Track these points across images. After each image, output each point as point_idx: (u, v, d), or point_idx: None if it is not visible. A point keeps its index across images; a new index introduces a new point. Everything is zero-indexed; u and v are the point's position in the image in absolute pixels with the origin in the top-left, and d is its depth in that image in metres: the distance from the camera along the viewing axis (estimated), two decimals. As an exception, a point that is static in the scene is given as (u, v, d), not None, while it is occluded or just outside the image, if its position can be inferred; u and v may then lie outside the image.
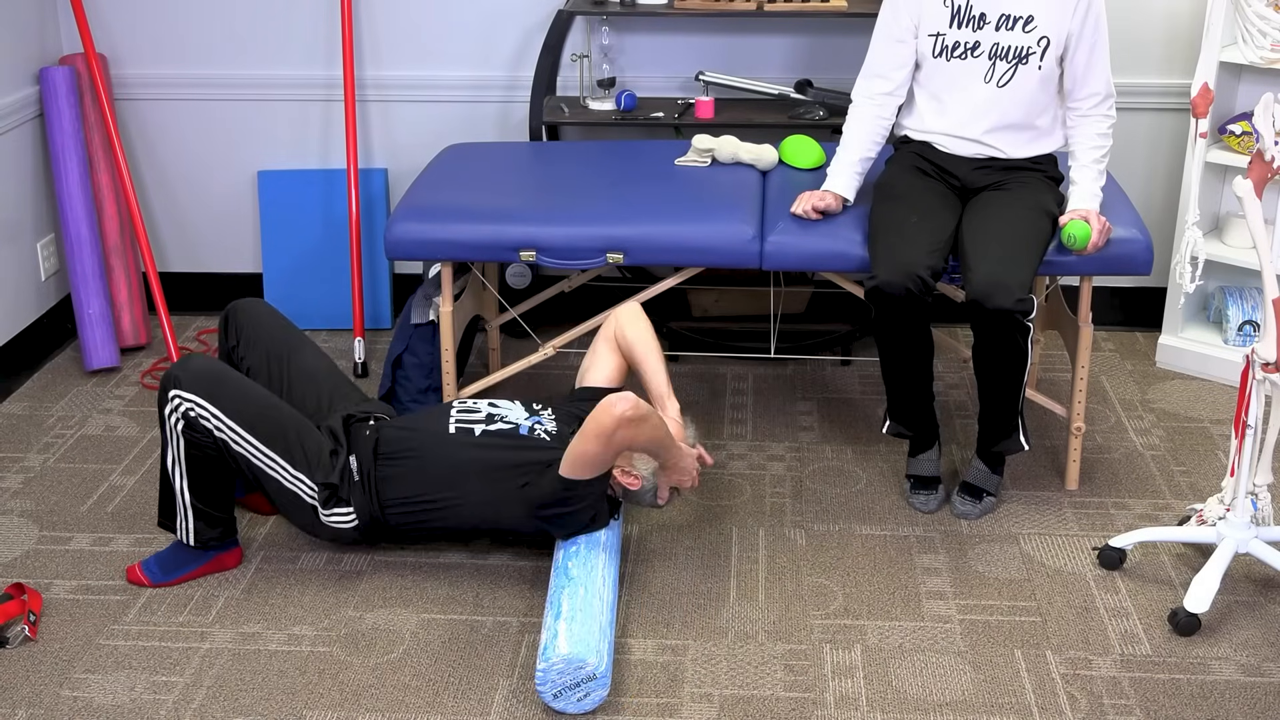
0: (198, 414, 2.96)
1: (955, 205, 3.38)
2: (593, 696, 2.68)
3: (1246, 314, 4.06)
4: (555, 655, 2.66)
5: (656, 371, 3.22)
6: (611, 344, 3.31)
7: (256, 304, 3.35)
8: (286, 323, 3.37)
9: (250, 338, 3.29)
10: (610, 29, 4.18)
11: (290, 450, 3.03)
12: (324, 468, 3.05)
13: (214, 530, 3.09)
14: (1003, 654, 2.90)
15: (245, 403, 3.02)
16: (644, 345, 3.25)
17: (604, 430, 2.84)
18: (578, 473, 2.93)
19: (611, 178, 3.71)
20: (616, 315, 3.31)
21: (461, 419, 3.14)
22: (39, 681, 2.82)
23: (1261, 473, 3.02)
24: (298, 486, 3.04)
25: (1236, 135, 3.92)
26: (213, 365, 3.06)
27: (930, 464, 3.46)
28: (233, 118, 4.39)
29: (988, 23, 3.30)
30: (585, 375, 3.32)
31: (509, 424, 3.12)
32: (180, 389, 2.97)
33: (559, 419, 3.17)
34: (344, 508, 3.06)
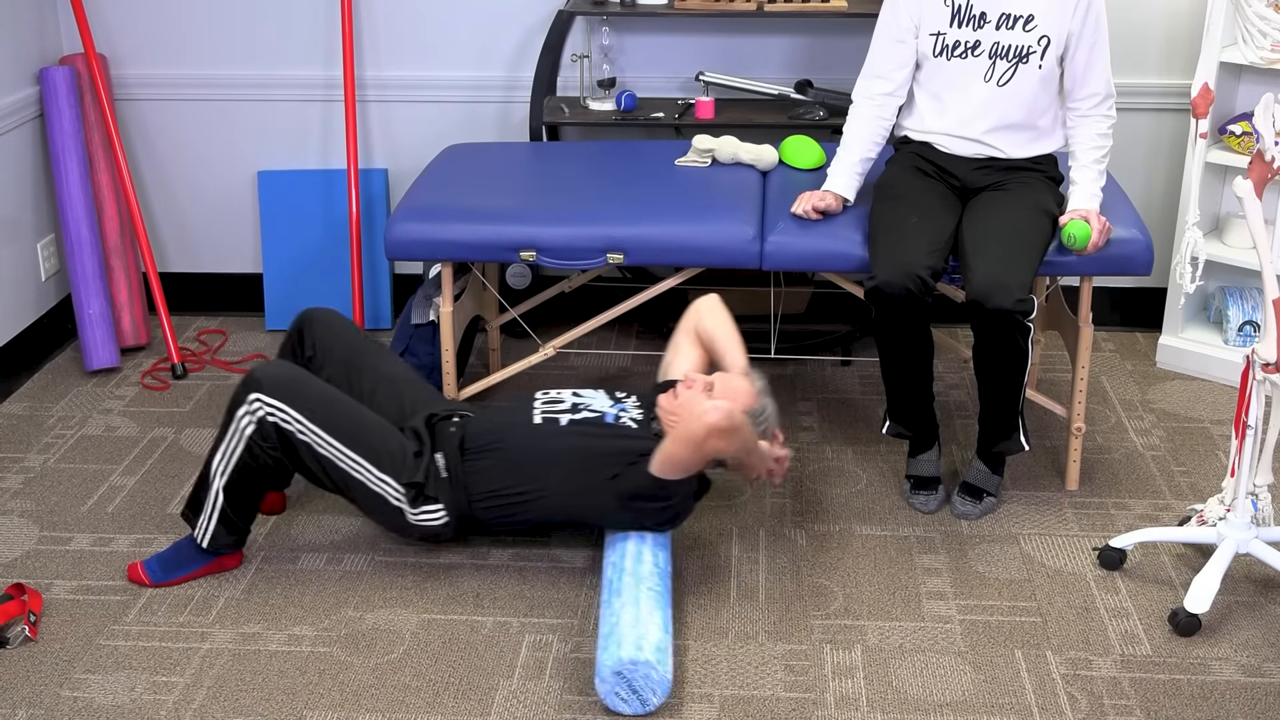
0: (278, 419, 2.96)
1: (955, 205, 3.38)
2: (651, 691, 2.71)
3: (1247, 314, 4.06)
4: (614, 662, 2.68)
5: (736, 358, 3.19)
6: (692, 336, 3.29)
7: (331, 314, 3.33)
8: (361, 331, 3.35)
9: (328, 347, 3.27)
10: (610, 29, 4.18)
11: (375, 452, 3.02)
12: (409, 468, 3.03)
13: (230, 538, 3.09)
14: (1003, 654, 2.90)
15: (328, 407, 3.02)
16: (723, 333, 3.22)
17: (695, 438, 2.85)
18: (668, 474, 2.94)
19: (612, 178, 3.71)
20: (696, 307, 3.29)
21: (546, 409, 3.13)
22: (39, 682, 2.82)
23: (1262, 473, 3.02)
24: (383, 488, 3.03)
25: (1237, 135, 3.92)
26: (294, 370, 3.05)
27: (930, 464, 3.46)
28: (233, 118, 4.39)
29: (988, 22, 3.30)
30: (668, 369, 3.30)
31: (594, 412, 3.11)
32: (262, 393, 2.96)
33: (643, 406, 3.16)
34: (433, 505, 3.05)
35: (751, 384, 3.09)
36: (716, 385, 3.06)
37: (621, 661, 2.66)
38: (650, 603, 2.82)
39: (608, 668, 2.68)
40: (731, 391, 3.04)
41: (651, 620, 2.77)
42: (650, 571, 2.92)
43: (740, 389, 3.05)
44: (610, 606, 2.82)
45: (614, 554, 3.00)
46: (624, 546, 3.00)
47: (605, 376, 4.14)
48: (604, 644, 2.73)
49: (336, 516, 3.39)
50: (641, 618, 2.77)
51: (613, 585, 2.89)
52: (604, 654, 2.70)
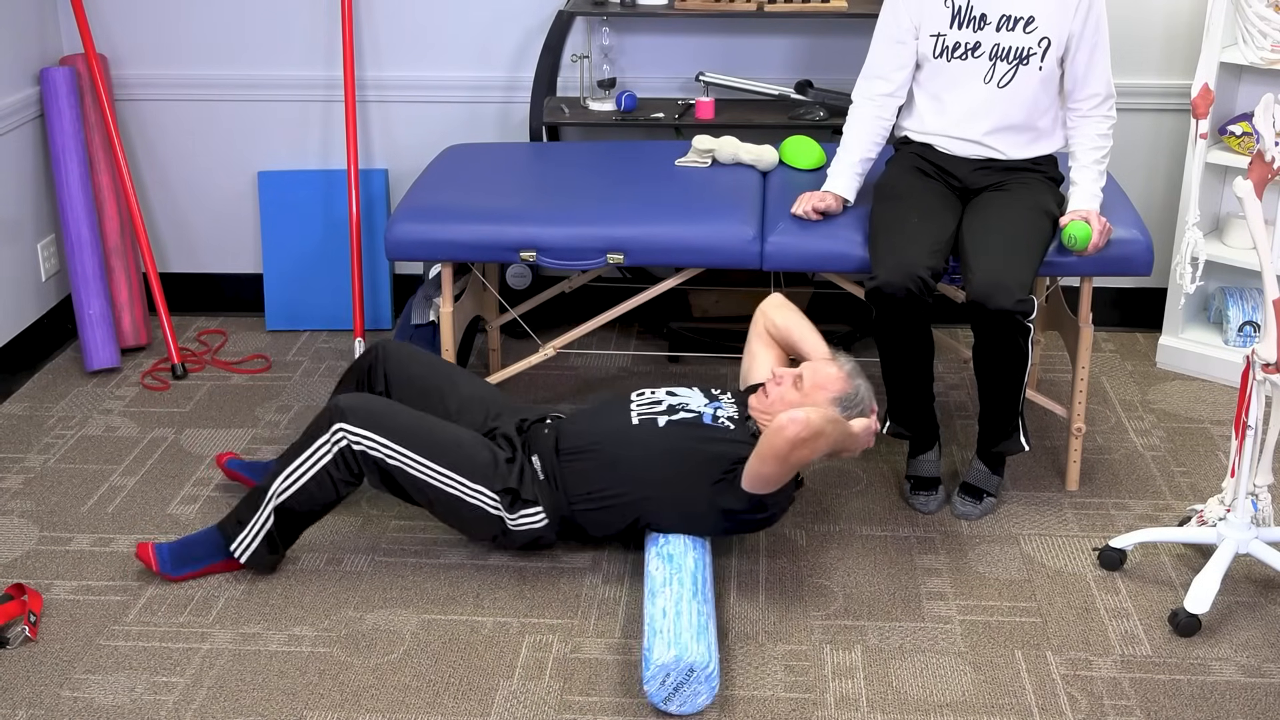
0: (365, 447, 2.95)
1: (955, 206, 3.38)
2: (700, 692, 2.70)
3: (1247, 315, 4.06)
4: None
5: (817, 346, 3.17)
6: (764, 339, 3.28)
7: (402, 346, 3.31)
8: (433, 358, 3.33)
9: (406, 378, 3.25)
10: (611, 29, 4.18)
11: (465, 464, 3.00)
12: (501, 475, 3.01)
13: (271, 558, 3.09)
14: (1003, 655, 2.90)
15: (411, 426, 3.00)
16: (798, 327, 3.21)
17: (779, 453, 2.82)
18: (759, 489, 2.93)
19: (612, 178, 3.71)
20: (762, 309, 3.28)
21: (643, 410, 3.11)
22: (39, 682, 2.82)
23: (1262, 473, 3.02)
24: (479, 499, 3.01)
25: (1237, 136, 3.92)
26: (375, 400, 3.04)
27: (930, 465, 3.46)
28: (233, 118, 4.39)
29: (988, 23, 3.30)
30: (748, 376, 3.28)
31: (691, 412, 3.09)
32: (346, 423, 2.95)
33: (739, 403, 3.14)
34: (532, 508, 3.03)
35: (840, 368, 3.06)
36: (805, 376, 3.03)
37: (704, 666, 2.66)
38: (714, 625, 2.83)
39: (691, 656, 2.66)
40: (821, 380, 3.01)
41: (716, 643, 2.78)
42: (711, 595, 2.93)
43: (830, 376, 3.02)
44: (699, 604, 2.80)
45: (695, 550, 2.99)
46: (703, 556, 3.00)
47: (595, 380, 4.13)
48: (696, 634, 2.70)
49: (336, 516, 3.39)
50: (713, 633, 2.78)
51: (699, 589, 2.87)
52: (694, 642, 2.68)
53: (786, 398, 3.00)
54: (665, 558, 2.95)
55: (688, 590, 2.84)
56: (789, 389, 3.02)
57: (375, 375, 3.28)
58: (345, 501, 3.40)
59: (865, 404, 3.05)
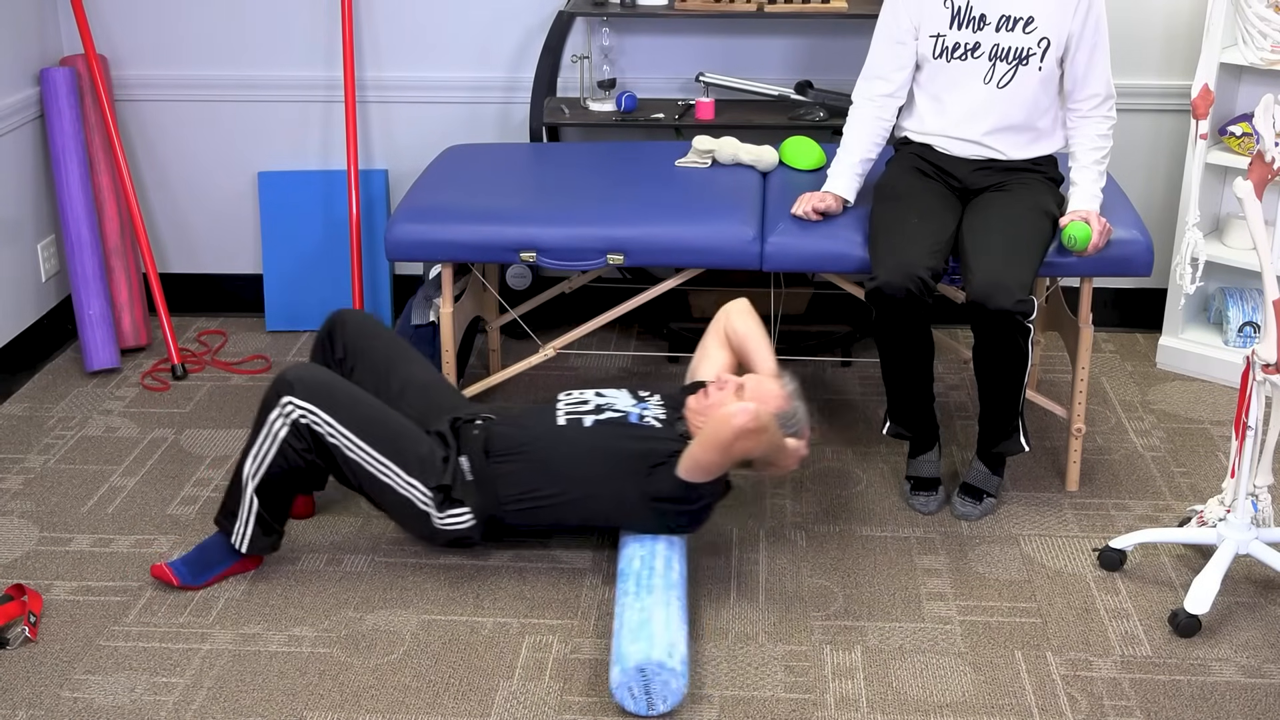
0: (310, 421, 2.96)
1: (955, 206, 3.38)
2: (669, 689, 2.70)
3: (1247, 315, 4.06)
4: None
5: (766, 361, 3.19)
6: (721, 338, 3.29)
7: (363, 316, 3.33)
8: (391, 334, 3.35)
9: (358, 349, 3.27)
10: (611, 30, 4.18)
11: (403, 456, 3.02)
12: (436, 471, 3.03)
13: (268, 539, 3.09)
14: (1003, 655, 2.90)
15: (358, 410, 3.02)
16: (754, 337, 3.23)
17: (723, 442, 2.84)
18: (696, 477, 2.94)
19: (612, 179, 3.71)
20: (726, 310, 3.29)
21: (570, 410, 3.13)
22: (39, 683, 2.82)
23: (1262, 474, 3.02)
24: (411, 492, 3.02)
25: (1237, 136, 3.92)
26: (325, 373, 3.06)
27: (930, 465, 3.46)
28: (233, 119, 4.39)
29: (988, 24, 3.30)
30: (696, 371, 3.30)
31: (618, 412, 3.11)
32: (295, 395, 2.96)
33: (666, 405, 3.16)
34: (459, 508, 3.04)
35: (782, 386, 3.08)
36: (748, 386, 3.06)
37: (651, 660, 2.65)
38: (679, 612, 2.83)
39: (634, 661, 2.66)
40: (762, 393, 3.03)
41: (679, 630, 2.77)
42: (678, 580, 2.93)
43: (771, 391, 3.05)
44: (642, 601, 2.81)
45: (643, 549, 2.98)
46: (653, 547, 2.99)
47: (613, 376, 4.13)
48: (633, 635, 2.71)
49: (336, 517, 3.39)
50: (672, 623, 2.77)
51: (641, 580, 2.87)
52: (632, 645, 2.69)
53: (726, 403, 3.02)
54: (619, 576, 2.96)
55: (630, 596, 2.84)
56: (729, 395, 3.04)
57: (334, 343, 3.30)
58: (345, 503, 3.41)
59: (801, 426, 3.08)
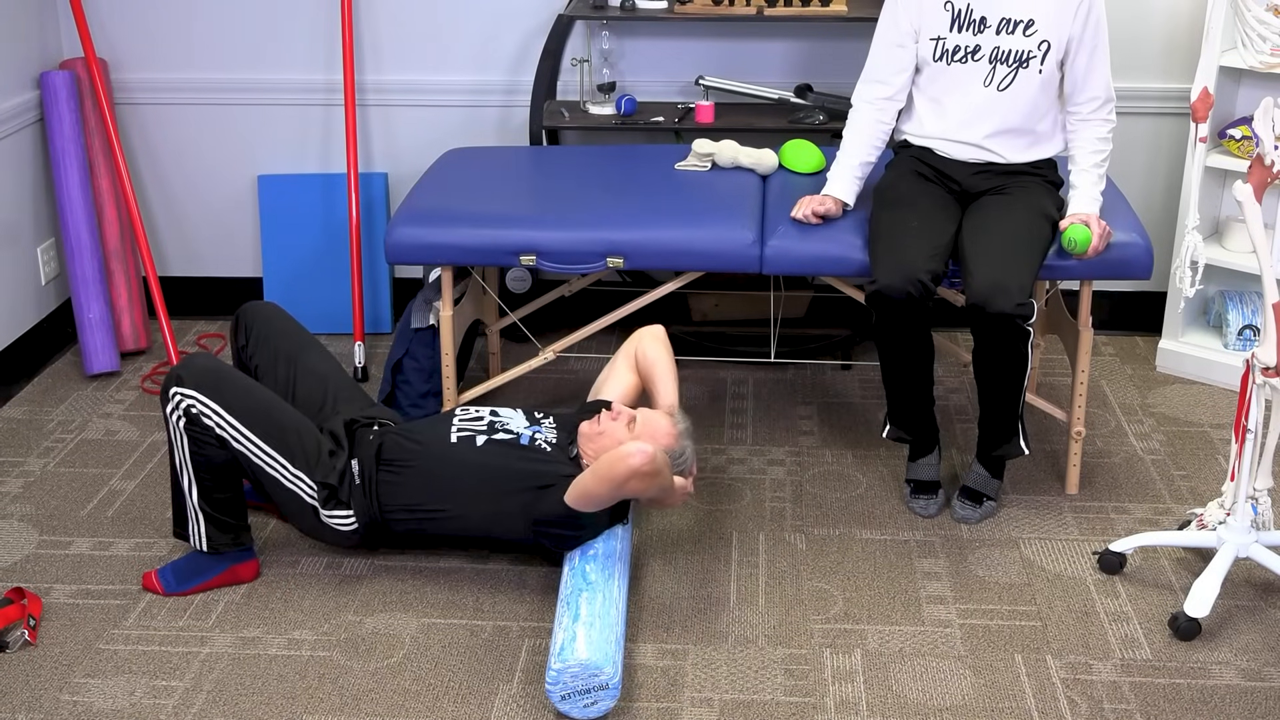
0: (199, 410, 2.97)
1: (955, 210, 3.38)
2: (600, 705, 2.68)
3: (1246, 318, 4.06)
4: (572, 659, 2.65)
5: (668, 394, 3.22)
6: (631, 361, 3.31)
7: (267, 306, 3.38)
8: (296, 325, 3.38)
9: (260, 336, 3.31)
10: (610, 33, 4.18)
11: (290, 449, 3.03)
12: (323, 467, 3.05)
13: (226, 535, 3.08)
14: (1003, 658, 2.90)
15: (246, 400, 3.02)
16: (661, 366, 3.25)
17: (616, 479, 2.85)
18: (583, 506, 2.94)
19: (611, 182, 3.71)
20: (640, 335, 3.32)
21: (463, 428, 3.14)
22: (38, 686, 2.82)
23: (1262, 477, 3.02)
24: (297, 486, 3.04)
25: (1236, 140, 3.92)
26: (214, 363, 3.07)
27: (930, 468, 3.46)
28: (233, 122, 4.39)
29: (988, 26, 3.30)
30: (600, 389, 3.32)
31: (510, 433, 3.12)
32: (181, 386, 2.98)
33: (560, 427, 3.17)
34: (343, 510, 3.06)
35: (674, 425, 3.10)
36: (639, 420, 3.07)
37: (558, 672, 2.66)
38: (569, 607, 2.82)
39: (548, 682, 2.68)
40: (652, 429, 3.05)
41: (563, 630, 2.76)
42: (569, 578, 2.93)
43: (661, 427, 3.07)
44: (562, 608, 2.83)
45: (570, 561, 3.00)
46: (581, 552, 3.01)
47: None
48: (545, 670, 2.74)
49: (336, 520, 3.39)
50: (566, 622, 2.77)
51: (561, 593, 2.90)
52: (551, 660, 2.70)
53: (616, 434, 3.04)
54: None
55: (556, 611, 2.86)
56: (621, 427, 3.06)
57: (239, 329, 3.34)
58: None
59: (687, 466, 3.10)
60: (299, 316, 4.39)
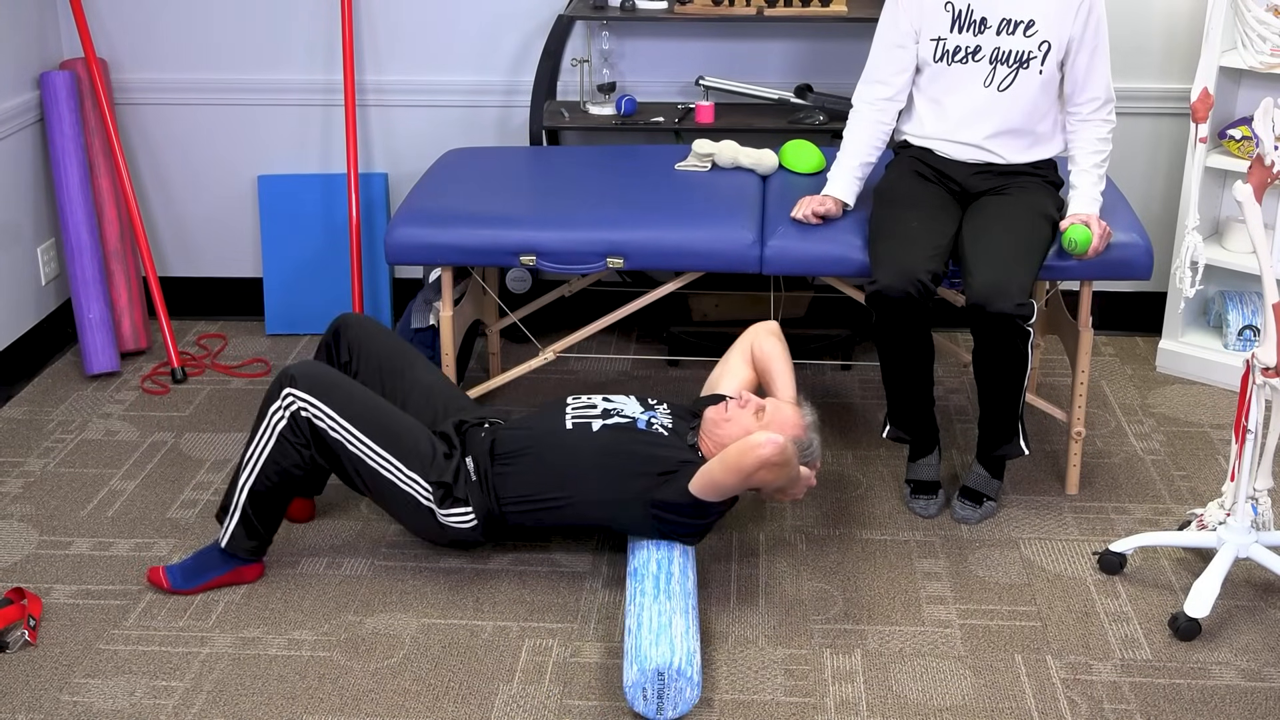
0: (311, 414, 2.97)
1: (955, 210, 3.38)
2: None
3: (1246, 319, 4.06)
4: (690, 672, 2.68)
5: (787, 386, 3.21)
6: (746, 356, 3.31)
7: (367, 319, 3.35)
8: (397, 338, 3.36)
9: (364, 352, 3.28)
10: (610, 34, 4.18)
11: (405, 451, 3.02)
12: (438, 467, 3.04)
13: (249, 543, 3.08)
14: (1003, 659, 2.90)
15: (360, 404, 3.03)
16: (778, 360, 3.25)
17: (745, 468, 2.85)
18: (708, 495, 2.94)
19: (611, 182, 3.71)
20: (755, 329, 3.32)
21: (578, 414, 3.13)
22: (38, 686, 2.82)
23: (1262, 477, 3.02)
24: (413, 488, 3.03)
25: (1236, 140, 3.93)
26: (328, 369, 3.07)
27: (930, 469, 3.46)
28: (233, 122, 4.39)
29: (989, 27, 3.30)
30: (716, 384, 3.31)
31: (626, 418, 3.11)
32: (296, 388, 2.97)
33: (674, 414, 3.17)
34: (462, 507, 3.05)
35: (801, 416, 3.10)
36: (768, 410, 3.07)
37: (671, 665, 2.65)
38: (694, 621, 2.83)
39: (654, 663, 2.65)
40: (781, 419, 3.05)
41: (694, 638, 2.78)
42: (693, 588, 2.94)
43: (790, 419, 3.07)
44: (661, 604, 2.81)
45: (659, 553, 2.98)
46: (670, 553, 2.99)
47: (613, 380, 4.14)
48: (655, 638, 2.70)
49: (337, 521, 3.39)
50: (690, 632, 2.77)
51: (663, 585, 2.87)
52: (653, 648, 2.68)
53: (743, 422, 3.04)
54: (632, 574, 2.96)
55: (649, 597, 2.84)
56: (749, 416, 3.06)
57: (339, 347, 3.31)
58: (344, 507, 3.41)
59: (814, 456, 3.11)
60: (299, 317, 4.42)
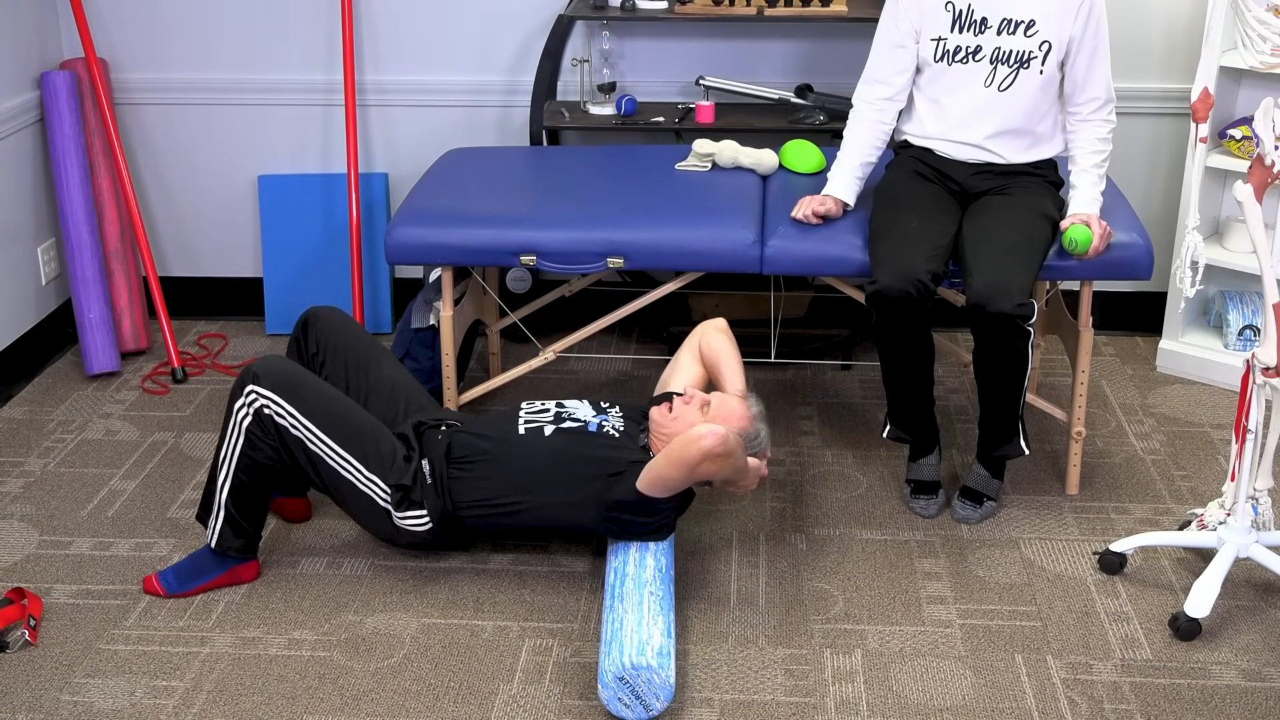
0: (273, 411, 2.97)
1: (955, 210, 3.38)
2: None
3: (1247, 319, 4.06)
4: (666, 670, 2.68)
5: (736, 380, 3.21)
6: (695, 353, 3.31)
7: (335, 312, 3.35)
8: (365, 333, 3.37)
9: (331, 345, 3.29)
10: (611, 34, 4.18)
11: (365, 452, 3.03)
12: (397, 470, 3.04)
13: (237, 540, 3.08)
14: (1003, 659, 2.90)
15: (323, 403, 3.03)
16: (727, 354, 3.25)
17: (689, 462, 2.85)
18: (656, 492, 2.94)
19: (612, 182, 3.71)
20: (702, 328, 3.32)
21: (530, 419, 3.14)
22: (39, 686, 2.82)
23: (1262, 477, 3.02)
24: (371, 489, 3.03)
25: (1236, 140, 3.92)
26: (291, 365, 3.07)
27: (930, 469, 3.46)
28: (233, 122, 4.39)
29: (989, 27, 3.30)
30: (666, 383, 3.31)
31: (578, 421, 3.12)
32: (259, 385, 2.97)
33: (626, 416, 3.18)
34: (417, 510, 3.05)
35: (748, 407, 3.10)
36: (714, 404, 3.07)
37: (624, 667, 2.66)
38: (653, 607, 2.82)
39: (610, 673, 2.67)
40: (727, 412, 3.05)
41: (654, 625, 2.77)
42: (653, 575, 2.92)
43: (736, 411, 3.07)
44: (613, 611, 2.82)
45: (616, 559, 2.99)
46: (627, 552, 3.00)
47: (613, 380, 4.14)
48: (606, 649, 2.72)
49: (336, 521, 3.39)
50: (644, 622, 2.76)
51: (615, 590, 2.88)
52: (606, 659, 2.70)
53: (689, 418, 3.04)
54: (606, 588, 2.95)
55: (607, 609, 2.85)
56: (695, 411, 3.06)
57: (307, 340, 3.31)
58: (345, 505, 3.41)
59: (762, 447, 3.10)
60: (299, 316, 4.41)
